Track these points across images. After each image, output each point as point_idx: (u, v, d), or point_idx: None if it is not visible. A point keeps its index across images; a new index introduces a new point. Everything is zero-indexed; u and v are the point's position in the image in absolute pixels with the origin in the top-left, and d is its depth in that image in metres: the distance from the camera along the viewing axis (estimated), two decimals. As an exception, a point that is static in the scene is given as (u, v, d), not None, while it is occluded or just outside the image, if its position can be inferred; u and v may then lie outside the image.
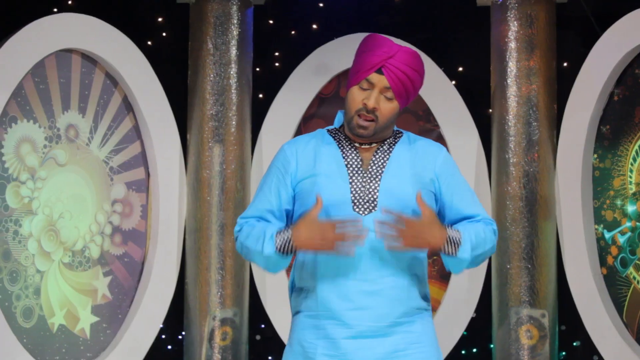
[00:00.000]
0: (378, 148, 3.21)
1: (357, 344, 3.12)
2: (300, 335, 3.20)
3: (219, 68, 6.03)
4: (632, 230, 5.75)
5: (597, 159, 5.94)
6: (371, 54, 3.17)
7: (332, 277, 3.14)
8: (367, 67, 3.15)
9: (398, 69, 3.14)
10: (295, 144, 3.26)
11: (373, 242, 3.11)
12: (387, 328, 3.13)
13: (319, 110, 6.42)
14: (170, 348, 6.30)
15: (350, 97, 3.18)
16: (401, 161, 3.19)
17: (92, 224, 5.80)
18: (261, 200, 3.22)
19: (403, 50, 3.18)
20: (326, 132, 3.28)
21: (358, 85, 3.16)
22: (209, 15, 6.05)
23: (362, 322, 3.12)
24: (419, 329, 3.18)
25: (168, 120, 6.05)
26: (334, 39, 6.35)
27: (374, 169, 3.17)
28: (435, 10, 6.39)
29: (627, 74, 5.81)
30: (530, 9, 5.92)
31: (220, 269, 5.96)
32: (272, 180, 3.22)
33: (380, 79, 3.14)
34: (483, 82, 6.19)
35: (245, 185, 6.08)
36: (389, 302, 3.13)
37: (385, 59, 3.14)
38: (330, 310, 3.14)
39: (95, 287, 5.80)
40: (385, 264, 3.13)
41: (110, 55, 5.84)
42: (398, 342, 3.14)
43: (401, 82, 3.14)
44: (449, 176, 3.23)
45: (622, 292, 5.81)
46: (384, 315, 3.13)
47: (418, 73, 3.18)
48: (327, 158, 3.20)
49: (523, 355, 5.81)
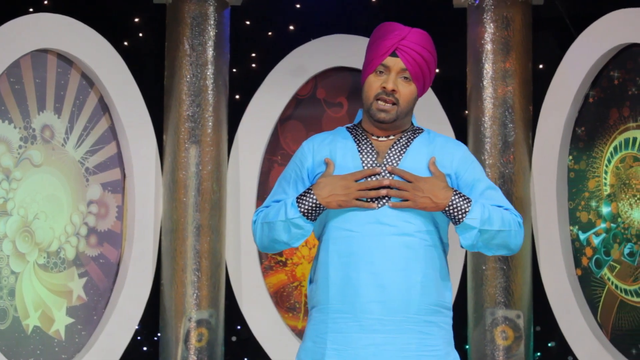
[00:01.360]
0: (396, 141, 3.20)
1: (367, 338, 3.10)
2: (311, 331, 3.21)
3: (196, 69, 6.02)
4: (607, 231, 5.78)
5: (572, 160, 5.96)
6: (383, 39, 3.17)
7: (343, 271, 3.13)
8: (382, 52, 3.15)
9: (412, 49, 3.15)
10: (313, 139, 3.30)
11: (385, 235, 3.11)
12: (399, 324, 3.10)
13: (296, 111, 6.41)
14: (145, 349, 6.29)
15: (367, 85, 3.18)
16: (418, 156, 3.19)
17: (67, 225, 5.77)
18: (277, 192, 3.25)
19: (414, 31, 3.19)
20: (345, 128, 3.29)
21: (374, 72, 3.17)
22: (186, 15, 6.03)
23: (373, 315, 3.10)
24: (435, 331, 3.14)
25: (144, 121, 6.03)
26: (310, 40, 6.35)
27: (389, 162, 3.17)
28: (411, 11, 6.40)
29: (602, 76, 5.84)
30: (507, 11, 5.95)
31: (196, 270, 5.94)
32: (290, 175, 3.25)
33: (396, 62, 3.15)
34: (459, 83, 6.21)
35: (221, 187, 6.07)
36: (400, 297, 3.10)
37: (398, 41, 3.15)
38: (341, 303, 3.13)
39: (71, 289, 5.77)
40: (398, 258, 3.11)
41: (86, 55, 5.81)
42: (410, 342, 3.10)
43: (417, 63, 3.15)
44: (470, 169, 3.21)
45: (597, 293, 5.84)
46: (395, 310, 3.10)
47: (431, 54, 3.19)
48: (343, 151, 3.21)
49: (498, 356, 5.83)
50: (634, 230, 5.64)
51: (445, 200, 3.09)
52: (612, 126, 5.78)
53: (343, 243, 3.14)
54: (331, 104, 6.43)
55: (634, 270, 5.65)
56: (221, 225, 6.06)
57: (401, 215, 3.12)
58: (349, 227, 3.13)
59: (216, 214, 6.03)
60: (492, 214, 3.13)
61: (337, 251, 3.14)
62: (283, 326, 6.21)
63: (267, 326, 6.19)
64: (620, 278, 5.72)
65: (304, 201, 3.11)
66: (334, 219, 3.16)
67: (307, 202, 3.11)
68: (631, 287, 5.67)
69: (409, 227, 3.12)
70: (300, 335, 6.26)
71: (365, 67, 3.21)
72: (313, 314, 3.23)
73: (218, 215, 6.04)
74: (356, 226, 3.13)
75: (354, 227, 3.13)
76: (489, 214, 3.12)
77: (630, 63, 5.70)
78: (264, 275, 6.26)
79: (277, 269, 6.36)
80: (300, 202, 3.12)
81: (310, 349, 3.20)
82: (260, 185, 6.32)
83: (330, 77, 6.40)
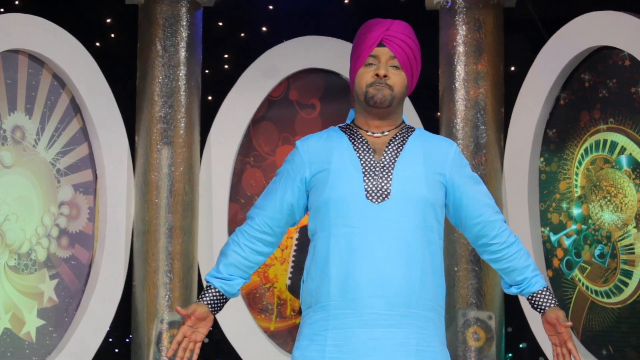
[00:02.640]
0: (392, 138, 3.25)
1: (368, 333, 3.12)
2: (308, 329, 3.20)
3: (168, 70, 6.01)
4: (578, 233, 5.82)
5: (543, 162, 5.99)
6: (369, 33, 3.25)
7: (344, 266, 3.15)
8: (369, 44, 3.23)
9: (398, 38, 3.24)
10: (307, 140, 3.31)
11: (386, 231, 3.13)
12: (400, 318, 3.13)
13: (268, 112, 6.41)
14: (117, 351, 6.26)
15: (359, 77, 3.23)
16: (414, 152, 3.24)
17: (38, 227, 5.74)
18: (267, 199, 3.30)
19: (397, 22, 3.29)
20: (337, 128, 3.32)
21: (363, 65, 3.23)
22: (158, 16, 6.02)
23: (374, 310, 3.12)
24: (432, 328, 3.18)
25: (116, 122, 6.01)
26: (283, 41, 6.35)
27: (386, 159, 3.21)
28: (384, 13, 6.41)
29: (573, 79, 5.88)
30: (479, 14, 5.97)
31: (168, 271, 5.93)
32: (281, 178, 3.29)
33: (384, 51, 3.22)
34: (431, 85, 6.23)
35: (193, 188, 6.06)
36: (401, 291, 3.13)
37: (383, 32, 3.24)
38: (342, 299, 3.13)
39: (42, 290, 5.74)
40: (399, 253, 3.14)
41: (57, 56, 5.79)
42: (409, 336, 3.14)
43: (404, 51, 3.23)
44: (462, 172, 3.27)
45: (568, 294, 5.87)
46: (396, 305, 3.12)
47: (416, 44, 3.27)
48: (339, 150, 3.24)
49: (470, 357, 5.86)
50: (604, 232, 5.68)
51: (561, 313, 3.36)
52: (583, 128, 5.81)
53: (344, 239, 3.16)
54: (304, 105, 6.43)
55: (605, 272, 5.68)
56: (193, 227, 6.05)
57: (401, 211, 3.15)
58: (349, 223, 3.16)
59: (188, 215, 6.02)
60: (530, 260, 3.47)
61: (338, 247, 3.16)
62: (255, 328, 6.21)
63: (240, 328, 6.18)
64: (590, 279, 5.76)
65: (201, 295, 3.29)
66: (333, 216, 3.18)
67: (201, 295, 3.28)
68: (601, 288, 5.70)
69: (410, 223, 3.16)
70: (272, 337, 6.26)
71: (353, 63, 3.25)
72: (310, 314, 3.22)
73: (190, 216, 6.03)
74: (357, 222, 3.15)
75: (354, 223, 3.15)
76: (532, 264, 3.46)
77: (601, 65, 5.73)
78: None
79: (250, 271, 6.34)
80: (204, 294, 3.27)
81: (307, 347, 3.19)
82: (233, 187, 6.31)
83: (302, 78, 6.40)
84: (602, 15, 5.65)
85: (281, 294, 6.36)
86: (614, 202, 5.64)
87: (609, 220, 5.66)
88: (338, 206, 3.17)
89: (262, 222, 3.26)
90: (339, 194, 3.17)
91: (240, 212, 6.35)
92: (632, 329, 5.55)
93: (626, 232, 5.57)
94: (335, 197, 3.18)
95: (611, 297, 5.65)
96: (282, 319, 6.33)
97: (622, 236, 5.60)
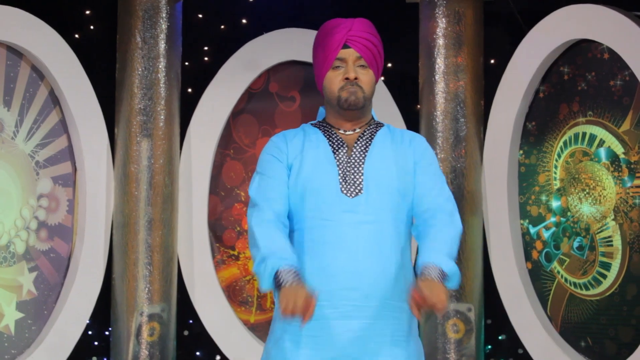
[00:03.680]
0: (361, 134, 3.30)
1: (344, 325, 3.16)
2: (282, 320, 3.18)
3: (148, 62, 5.99)
4: (557, 225, 5.84)
5: (522, 155, 6.01)
6: (331, 36, 3.28)
7: (320, 259, 3.18)
8: (334, 47, 3.26)
9: (361, 37, 3.28)
10: (284, 134, 3.35)
11: (360, 224, 3.17)
12: (376, 309, 3.16)
13: (248, 105, 6.40)
14: (97, 344, 6.25)
15: (329, 81, 3.28)
16: (383, 146, 3.29)
17: (17, 219, 5.72)
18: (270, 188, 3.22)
19: (358, 20, 3.32)
20: (310, 125, 3.37)
21: (331, 68, 3.27)
22: (138, 8, 6.00)
23: (349, 302, 3.15)
24: (406, 318, 3.22)
25: (95, 114, 5.99)
26: (263, 33, 6.34)
27: (357, 153, 3.26)
28: (364, 6, 6.41)
29: (553, 71, 5.90)
30: (458, 6, 5.98)
31: (148, 264, 5.92)
32: (274, 165, 3.26)
33: (350, 52, 3.27)
34: (411, 78, 6.24)
35: (173, 180, 6.05)
36: (376, 283, 3.16)
37: (346, 33, 3.27)
38: (318, 291, 3.13)
39: (21, 283, 5.72)
40: (373, 246, 3.17)
41: (36, 48, 5.76)
42: (385, 327, 3.17)
43: (368, 49, 3.28)
44: (426, 165, 3.30)
45: (547, 286, 5.89)
46: (371, 296, 3.16)
47: (378, 39, 3.33)
48: (315, 144, 3.29)
49: (449, 349, 5.87)
50: (583, 224, 5.70)
51: (445, 293, 3.07)
52: (562, 121, 5.84)
53: (318, 232, 3.19)
54: (284, 97, 6.42)
55: (583, 264, 5.71)
56: (173, 219, 6.04)
57: (375, 204, 3.20)
58: (323, 216, 3.19)
59: (168, 207, 6.00)
60: (452, 249, 3.18)
61: (312, 240, 3.19)
62: (235, 320, 6.21)
63: (219, 320, 6.18)
64: (569, 271, 5.78)
65: (277, 281, 3.05)
66: (307, 209, 3.21)
67: (275, 284, 3.06)
68: (580, 280, 5.73)
69: (383, 216, 3.20)
70: (252, 330, 6.26)
71: (319, 67, 3.30)
72: None
73: (170, 209, 6.01)
74: (331, 215, 3.19)
75: (328, 216, 3.19)
76: (449, 250, 3.16)
77: (580, 59, 5.76)
78: (216, 270, 6.25)
79: (230, 263, 6.35)
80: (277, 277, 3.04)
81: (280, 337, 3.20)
82: (213, 179, 6.30)
83: (282, 70, 6.39)
84: (581, 9, 5.67)
85: (261, 287, 6.36)
86: (592, 194, 5.67)
87: (588, 212, 5.69)
88: (313, 199, 3.21)
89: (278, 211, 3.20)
90: (314, 188, 3.21)
91: (220, 204, 6.35)
92: (610, 320, 5.58)
93: (605, 225, 5.60)
94: (310, 191, 3.21)
95: (590, 289, 5.68)
96: (262, 312, 6.33)
97: (600, 228, 5.63)
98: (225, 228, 6.34)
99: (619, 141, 5.52)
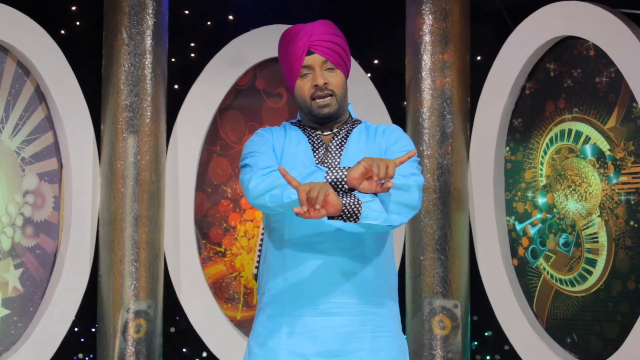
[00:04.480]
0: (336, 133, 3.31)
1: (324, 322, 3.17)
2: (263, 318, 3.25)
3: (134, 58, 5.97)
4: (543, 222, 5.85)
5: (509, 151, 6.03)
6: (293, 44, 3.28)
7: (300, 256, 3.18)
8: (297, 56, 3.26)
9: (324, 40, 3.27)
10: (269, 128, 3.38)
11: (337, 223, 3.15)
12: (356, 306, 3.17)
13: (235, 101, 6.40)
14: (83, 341, 6.23)
15: (299, 90, 3.28)
16: (358, 143, 3.30)
17: (2, 216, 5.70)
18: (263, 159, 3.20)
19: (317, 23, 3.32)
20: (290, 123, 3.39)
21: (299, 77, 3.27)
22: (124, 4, 5.98)
23: (330, 299, 3.16)
24: (387, 314, 3.23)
25: (81, 110, 5.97)
26: (250, 30, 6.34)
27: (332, 153, 3.27)
28: (350, 2, 6.41)
29: (539, 68, 5.91)
30: (445, 3, 5.99)
31: (134, 261, 5.91)
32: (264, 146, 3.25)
33: (315, 58, 3.27)
34: (398, 74, 6.24)
35: (160, 177, 6.04)
36: (357, 280, 3.18)
37: (308, 39, 3.27)
38: (298, 289, 3.17)
39: (6, 280, 5.71)
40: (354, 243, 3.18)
41: (22, 44, 5.74)
42: (365, 323, 3.19)
43: (333, 51, 3.27)
44: (394, 140, 3.28)
45: (533, 282, 5.91)
46: (352, 294, 3.17)
47: (341, 37, 3.32)
48: (296, 140, 3.31)
49: (436, 345, 5.88)
50: (569, 221, 5.72)
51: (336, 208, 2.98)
52: (548, 118, 5.85)
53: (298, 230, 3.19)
54: (270, 94, 6.42)
55: (569, 260, 5.73)
56: (160, 216, 6.03)
57: None
58: None
59: (155, 204, 5.99)
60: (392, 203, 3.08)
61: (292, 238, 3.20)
62: (222, 317, 6.20)
63: (206, 317, 6.17)
64: (555, 268, 5.80)
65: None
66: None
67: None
68: (566, 277, 5.75)
69: None
70: (239, 326, 6.26)
71: (288, 76, 3.31)
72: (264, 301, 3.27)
73: (156, 205, 6.01)
74: None
75: None
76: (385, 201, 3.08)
77: (566, 55, 5.77)
78: (202, 266, 6.24)
79: (216, 260, 6.34)
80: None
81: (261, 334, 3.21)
82: (199, 176, 6.29)
83: (269, 67, 6.39)
84: (567, 6, 5.69)
85: (248, 283, 6.36)
86: (578, 191, 5.68)
87: (574, 209, 5.70)
88: None
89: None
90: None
91: (207, 201, 6.34)
92: (596, 317, 5.60)
93: (590, 221, 5.62)
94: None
95: (575, 286, 5.70)
96: (249, 308, 6.33)
97: (586, 225, 5.64)
98: (212, 225, 6.34)
99: (605, 138, 5.53)
